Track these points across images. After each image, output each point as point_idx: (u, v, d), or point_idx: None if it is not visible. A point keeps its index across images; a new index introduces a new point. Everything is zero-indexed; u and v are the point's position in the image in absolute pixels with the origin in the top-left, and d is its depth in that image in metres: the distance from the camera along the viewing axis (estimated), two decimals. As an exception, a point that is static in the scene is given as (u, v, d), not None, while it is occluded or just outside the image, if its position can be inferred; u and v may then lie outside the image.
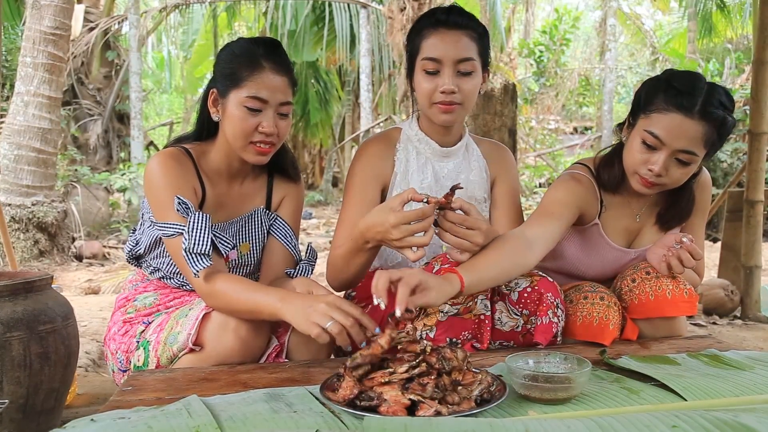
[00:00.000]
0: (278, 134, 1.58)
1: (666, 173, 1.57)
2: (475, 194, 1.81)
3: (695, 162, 1.57)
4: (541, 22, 16.43)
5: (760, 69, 3.57)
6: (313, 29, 11.88)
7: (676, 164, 1.57)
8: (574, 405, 1.14)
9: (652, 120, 1.56)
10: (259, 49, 1.58)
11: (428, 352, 1.16)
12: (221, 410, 1.10)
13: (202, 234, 1.46)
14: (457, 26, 1.65)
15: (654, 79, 1.64)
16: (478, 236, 1.38)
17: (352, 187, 1.75)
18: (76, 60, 9.62)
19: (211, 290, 1.46)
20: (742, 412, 1.06)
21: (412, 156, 1.79)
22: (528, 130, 13.15)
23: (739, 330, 3.49)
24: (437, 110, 1.67)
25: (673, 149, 1.54)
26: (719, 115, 1.52)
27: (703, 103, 1.51)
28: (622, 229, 1.79)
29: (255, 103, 1.54)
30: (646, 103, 1.59)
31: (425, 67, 1.65)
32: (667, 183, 1.61)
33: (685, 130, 1.52)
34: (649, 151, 1.57)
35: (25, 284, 1.80)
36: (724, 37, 12.14)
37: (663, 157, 1.55)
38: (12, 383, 1.72)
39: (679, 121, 1.52)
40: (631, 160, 1.62)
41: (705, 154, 1.58)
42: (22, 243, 5.64)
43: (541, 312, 1.56)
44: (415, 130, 1.80)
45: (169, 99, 20.87)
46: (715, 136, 1.54)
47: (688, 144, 1.53)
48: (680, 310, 1.63)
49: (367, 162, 1.76)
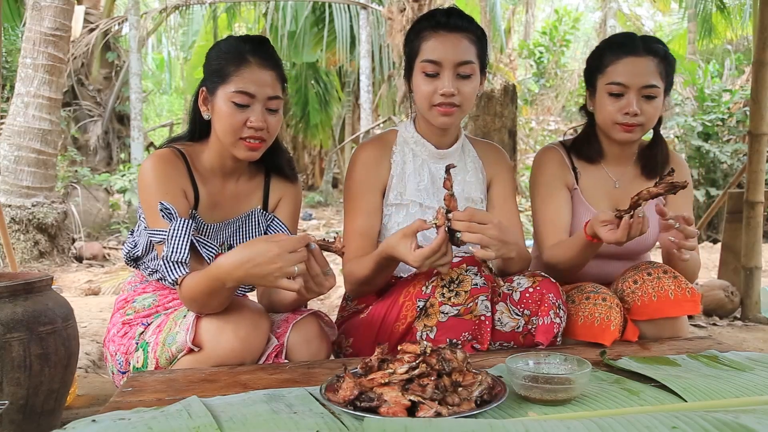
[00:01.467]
0: (268, 129, 1.58)
1: (641, 111, 1.74)
2: (472, 195, 1.81)
3: (659, 95, 1.76)
4: (541, 23, 16.42)
5: (760, 70, 3.57)
6: (313, 30, 11.87)
7: (645, 101, 1.75)
8: (574, 406, 1.14)
9: (609, 73, 1.78)
10: (246, 45, 1.58)
11: (428, 353, 1.16)
12: (221, 411, 1.10)
13: (181, 242, 1.47)
14: (457, 29, 1.66)
15: (594, 50, 1.88)
16: (492, 229, 1.41)
17: (352, 198, 1.76)
18: (76, 61, 9.61)
19: (182, 295, 1.47)
20: (742, 413, 1.06)
21: (409, 158, 1.79)
22: (528, 131, 13.13)
23: (739, 331, 3.49)
24: (436, 112, 1.67)
25: (638, 87, 1.74)
26: (661, 49, 1.77)
27: (643, 43, 1.77)
28: (602, 195, 1.88)
29: (242, 98, 1.54)
30: (598, 66, 1.82)
31: (425, 69, 1.65)
32: (644, 122, 1.76)
33: (640, 67, 1.74)
34: (618, 99, 1.76)
35: (25, 285, 1.80)
36: (724, 39, 12.14)
37: (632, 97, 1.74)
38: (12, 384, 1.72)
39: (632, 62, 1.75)
40: (607, 115, 1.79)
41: (665, 88, 1.78)
42: (22, 244, 5.64)
43: (542, 312, 1.56)
44: (412, 132, 1.80)
45: (169, 100, 20.87)
46: (664, 68, 1.76)
47: (648, 78, 1.74)
48: (683, 310, 1.63)
49: (363, 168, 1.77)
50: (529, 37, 15.84)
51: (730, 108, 8.17)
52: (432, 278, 1.56)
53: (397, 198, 1.76)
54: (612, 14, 13.76)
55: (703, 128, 8.00)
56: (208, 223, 1.64)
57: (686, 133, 8.11)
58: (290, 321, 1.57)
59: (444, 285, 1.53)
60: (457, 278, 1.52)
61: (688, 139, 8.07)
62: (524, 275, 1.63)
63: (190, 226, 1.50)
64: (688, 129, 8.04)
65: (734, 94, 8.24)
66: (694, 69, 9.05)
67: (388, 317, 1.63)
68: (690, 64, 9.26)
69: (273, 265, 1.30)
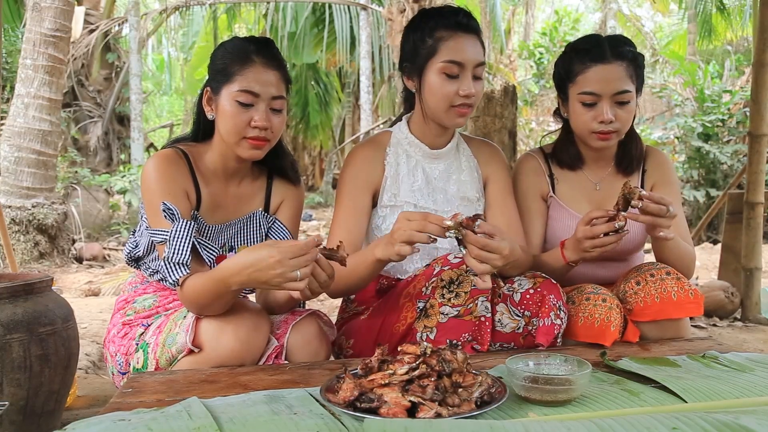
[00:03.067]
0: (272, 129, 1.58)
1: (616, 118, 1.72)
2: (468, 194, 1.80)
3: (632, 98, 1.75)
4: (541, 24, 16.43)
5: (760, 71, 3.57)
6: (313, 31, 11.87)
7: (618, 107, 1.73)
8: (574, 407, 1.14)
9: (580, 82, 1.75)
10: (251, 45, 1.59)
11: (428, 353, 1.16)
12: (221, 412, 1.10)
13: (183, 243, 1.47)
14: (474, 31, 1.68)
15: (561, 55, 1.84)
16: (498, 260, 1.40)
17: (343, 196, 1.75)
18: (76, 62, 9.62)
19: (182, 296, 1.48)
20: (742, 413, 1.06)
21: (402, 159, 1.78)
22: (528, 132, 13.13)
23: (740, 332, 3.49)
24: (454, 114, 1.67)
25: (610, 95, 1.72)
26: (628, 51, 1.75)
27: (611, 48, 1.73)
28: (583, 199, 1.88)
29: (246, 97, 1.54)
30: (567, 74, 1.79)
31: (447, 71, 1.64)
32: (619, 127, 1.75)
33: (611, 74, 1.72)
34: (591, 108, 1.74)
35: (26, 286, 1.80)
36: (723, 39, 12.13)
37: (605, 105, 1.72)
38: (12, 385, 1.72)
39: (602, 70, 1.72)
40: (582, 125, 1.77)
41: (637, 88, 1.76)
42: (22, 245, 5.64)
43: (543, 314, 1.56)
44: (405, 133, 1.80)
45: (169, 101, 20.88)
46: (633, 70, 1.74)
47: (618, 85, 1.71)
48: (686, 311, 1.63)
49: (356, 168, 1.76)
50: (529, 38, 15.84)
51: (730, 109, 8.16)
52: (432, 279, 1.56)
53: (391, 200, 1.76)
54: (612, 15, 13.75)
55: (703, 129, 7.99)
56: (209, 224, 1.64)
57: (686, 133, 8.11)
58: (290, 322, 1.57)
59: (444, 286, 1.52)
60: (457, 279, 1.52)
61: (688, 139, 8.06)
62: (525, 276, 1.62)
63: (192, 228, 1.50)
64: (688, 130, 8.04)
65: (734, 95, 8.23)
66: (694, 70, 9.04)
67: (388, 318, 1.63)
68: (690, 65, 9.24)
69: (273, 271, 1.30)
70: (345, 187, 1.76)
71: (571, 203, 1.87)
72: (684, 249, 1.75)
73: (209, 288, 1.40)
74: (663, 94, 9.57)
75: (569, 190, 1.89)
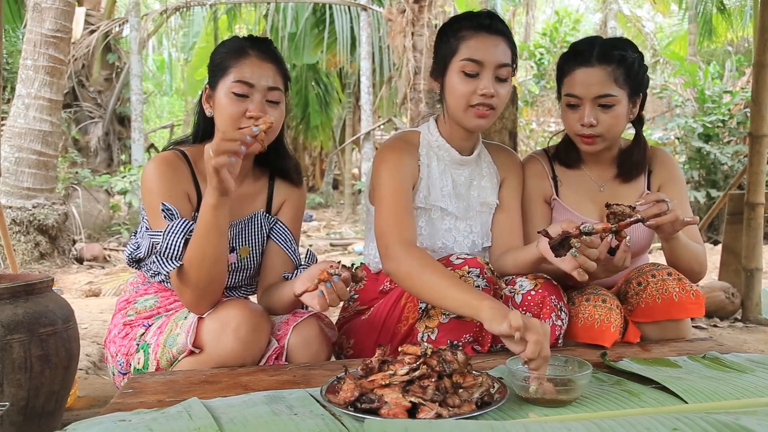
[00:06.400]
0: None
1: (597, 122, 1.70)
2: (488, 200, 1.80)
3: (618, 103, 1.71)
4: (541, 25, 16.43)
5: (760, 71, 3.57)
6: (314, 32, 11.87)
7: (601, 111, 1.71)
8: (574, 407, 1.14)
9: (566, 84, 1.76)
10: (247, 42, 1.61)
11: (429, 354, 1.16)
12: (222, 413, 1.11)
13: (176, 238, 1.47)
14: (498, 32, 1.65)
15: (560, 57, 1.84)
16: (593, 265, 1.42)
17: (390, 193, 1.63)
18: (76, 63, 9.62)
19: (178, 283, 1.49)
20: (743, 414, 1.06)
21: (434, 162, 1.75)
22: (529, 133, 13.14)
23: (740, 332, 3.49)
24: (473, 114, 1.63)
25: (590, 98, 1.70)
26: (617, 55, 1.71)
27: (599, 52, 1.71)
28: (587, 200, 1.86)
29: (241, 87, 1.54)
30: (560, 75, 1.80)
31: (465, 69, 1.61)
32: (603, 132, 1.72)
33: (592, 78, 1.70)
34: (575, 110, 1.74)
35: (26, 287, 1.80)
36: (724, 40, 12.15)
37: (586, 109, 1.71)
38: (12, 386, 1.72)
39: (583, 74, 1.71)
40: (568, 127, 1.79)
41: (629, 92, 1.72)
42: (22, 245, 5.64)
43: (544, 315, 1.56)
44: (436, 135, 1.76)
45: (169, 101, 20.89)
46: (622, 74, 1.70)
47: (600, 89, 1.69)
48: (688, 312, 1.63)
49: (399, 159, 1.68)
50: (529, 39, 15.84)
51: (730, 109, 8.17)
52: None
53: (422, 201, 1.72)
54: (612, 16, 13.76)
55: (704, 130, 8.00)
56: None
57: (687, 134, 8.11)
58: (290, 323, 1.57)
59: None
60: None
61: (688, 140, 8.07)
62: (526, 278, 1.62)
63: (188, 225, 1.50)
64: (688, 130, 8.04)
65: (735, 95, 8.24)
66: (695, 70, 9.04)
67: (389, 318, 1.63)
68: (690, 66, 9.25)
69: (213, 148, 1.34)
70: (390, 184, 1.65)
71: (575, 205, 1.86)
72: (694, 249, 1.72)
73: (197, 235, 1.44)
74: (663, 95, 9.57)
75: (573, 193, 1.88)
